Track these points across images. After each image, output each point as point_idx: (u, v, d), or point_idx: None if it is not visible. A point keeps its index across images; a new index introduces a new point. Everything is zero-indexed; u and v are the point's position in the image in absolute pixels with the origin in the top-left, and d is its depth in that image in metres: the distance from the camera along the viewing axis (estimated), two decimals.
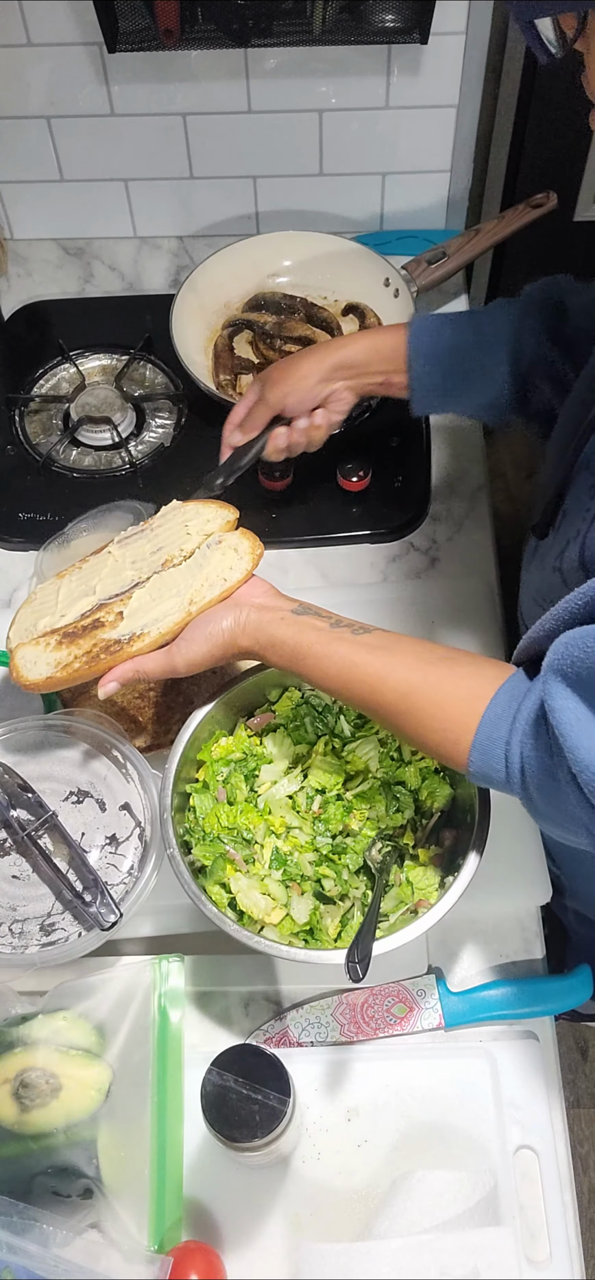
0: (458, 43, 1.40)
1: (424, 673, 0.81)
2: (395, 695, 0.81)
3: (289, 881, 0.93)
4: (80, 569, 1.02)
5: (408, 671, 0.81)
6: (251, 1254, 0.85)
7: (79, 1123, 0.86)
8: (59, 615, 0.97)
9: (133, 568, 0.99)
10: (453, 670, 0.81)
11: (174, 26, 1.31)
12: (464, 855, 0.87)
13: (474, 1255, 0.81)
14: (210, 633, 0.90)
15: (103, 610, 0.96)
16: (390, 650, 0.83)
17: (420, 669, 0.81)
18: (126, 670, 0.91)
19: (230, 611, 0.90)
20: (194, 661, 0.90)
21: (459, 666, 0.81)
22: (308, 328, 1.43)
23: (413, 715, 0.81)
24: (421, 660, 0.82)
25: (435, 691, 0.80)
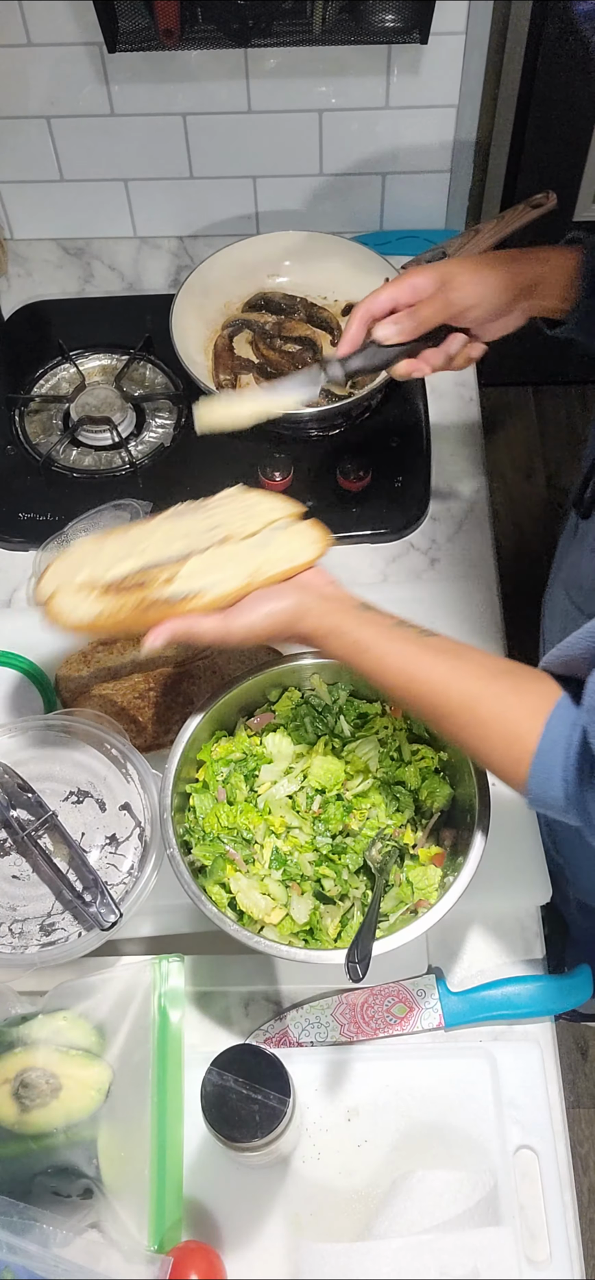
0: (458, 43, 1.40)
1: (488, 683, 0.78)
2: (459, 703, 0.79)
3: (289, 881, 0.93)
4: (126, 533, 0.95)
5: (474, 680, 0.79)
6: (251, 1254, 0.85)
7: (79, 1123, 0.86)
8: (103, 569, 0.90)
9: (185, 540, 0.93)
10: (517, 685, 0.78)
11: (174, 26, 1.31)
12: (464, 855, 0.87)
13: (474, 1255, 0.81)
14: (271, 610, 0.86)
15: (153, 571, 0.90)
16: (456, 655, 0.81)
17: (485, 679, 0.79)
18: (179, 626, 0.86)
19: (294, 593, 0.87)
20: (251, 632, 0.86)
21: (524, 681, 0.79)
22: (308, 328, 1.44)
23: (475, 726, 0.79)
24: (486, 670, 0.80)
25: (499, 703, 0.77)
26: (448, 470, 1.34)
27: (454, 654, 0.81)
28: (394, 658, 0.82)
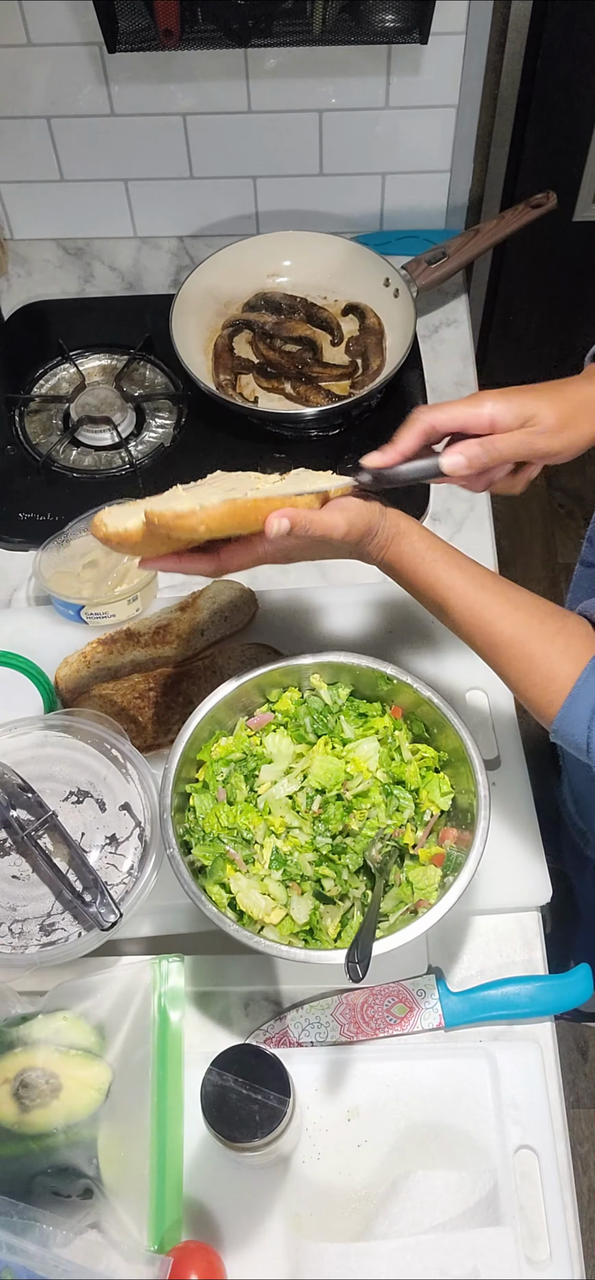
0: (458, 43, 1.40)
1: (540, 623, 0.84)
2: (512, 633, 0.84)
3: (289, 881, 0.93)
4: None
5: (528, 616, 0.85)
6: (251, 1254, 0.85)
7: (79, 1123, 0.86)
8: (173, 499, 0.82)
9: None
10: (564, 627, 0.84)
11: (174, 26, 1.31)
12: (464, 855, 0.87)
13: (474, 1255, 0.81)
14: (362, 503, 0.87)
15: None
16: (518, 590, 0.87)
17: (538, 618, 0.85)
18: (299, 515, 0.82)
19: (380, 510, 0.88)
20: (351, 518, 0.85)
21: (570, 625, 0.85)
22: (308, 328, 1.44)
23: (522, 661, 0.84)
24: (539, 611, 0.85)
25: (546, 645, 0.83)
26: None
27: (512, 590, 0.87)
28: (458, 573, 0.86)
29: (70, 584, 1.17)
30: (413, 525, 0.89)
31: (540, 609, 0.86)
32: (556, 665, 0.83)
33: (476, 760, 0.91)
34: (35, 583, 1.24)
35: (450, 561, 0.87)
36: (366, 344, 1.40)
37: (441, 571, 0.87)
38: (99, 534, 0.81)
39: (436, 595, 0.88)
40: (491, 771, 0.91)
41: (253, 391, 1.38)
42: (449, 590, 0.86)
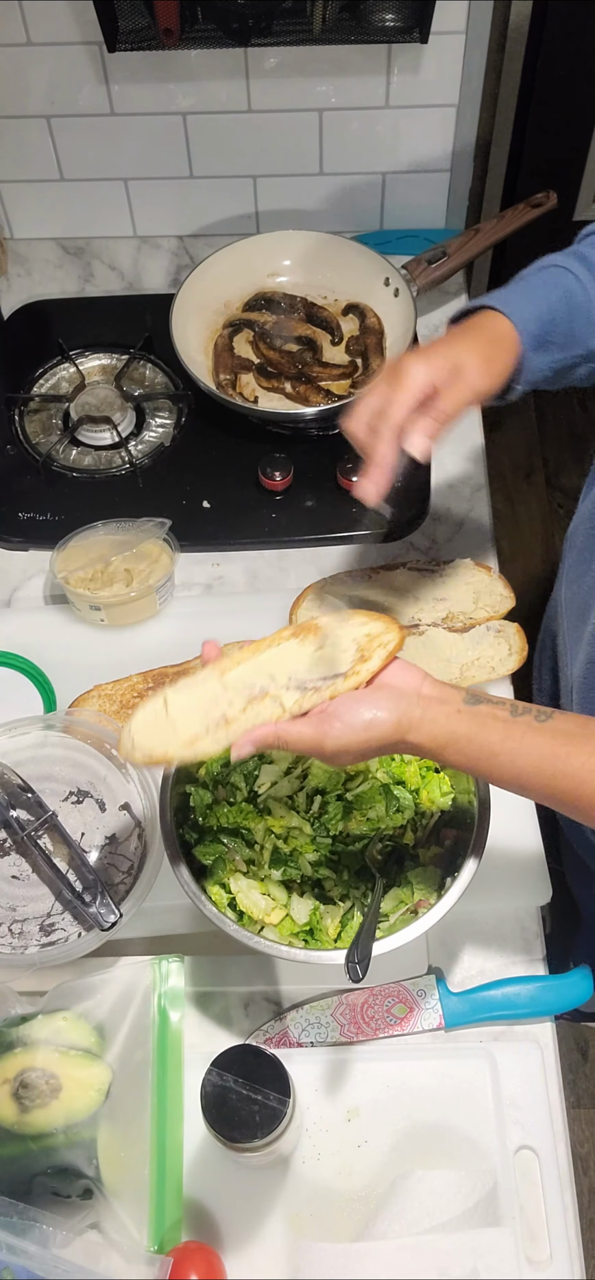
0: (458, 43, 1.40)
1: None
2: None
3: (289, 881, 0.93)
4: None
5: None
6: (251, 1254, 0.85)
7: (79, 1123, 0.86)
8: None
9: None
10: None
11: (174, 26, 1.31)
12: (464, 855, 0.87)
13: (474, 1255, 0.81)
14: (372, 720, 0.75)
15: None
16: (591, 737, 0.75)
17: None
18: (266, 733, 0.77)
19: (392, 700, 0.76)
20: (346, 747, 0.76)
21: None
22: (308, 327, 1.44)
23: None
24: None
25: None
26: (448, 470, 1.34)
27: (586, 736, 0.75)
28: (526, 758, 0.75)
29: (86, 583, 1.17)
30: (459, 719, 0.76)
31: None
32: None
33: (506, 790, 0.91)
34: (50, 581, 1.23)
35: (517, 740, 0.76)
36: (366, 344, 1.40)
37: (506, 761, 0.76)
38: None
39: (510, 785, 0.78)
40: None
41: (253, 391, 1.38)
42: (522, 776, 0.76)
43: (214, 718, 0.79)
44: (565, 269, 0.93)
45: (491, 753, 0.75)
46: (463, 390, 0.86)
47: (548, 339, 0.91)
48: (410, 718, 0.76)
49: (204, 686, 0.80)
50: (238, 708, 0.79)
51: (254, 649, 0.82)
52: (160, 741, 0.79)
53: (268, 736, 0.77)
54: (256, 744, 0.77)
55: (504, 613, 1.16)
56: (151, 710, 0.80)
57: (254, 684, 0.80)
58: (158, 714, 0.80)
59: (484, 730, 0.75)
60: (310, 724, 0.77)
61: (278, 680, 0.79)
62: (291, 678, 0.79)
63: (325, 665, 0.79)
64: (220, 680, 0.80)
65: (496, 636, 1.14)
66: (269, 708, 0.78)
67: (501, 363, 0.89)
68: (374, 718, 0.75)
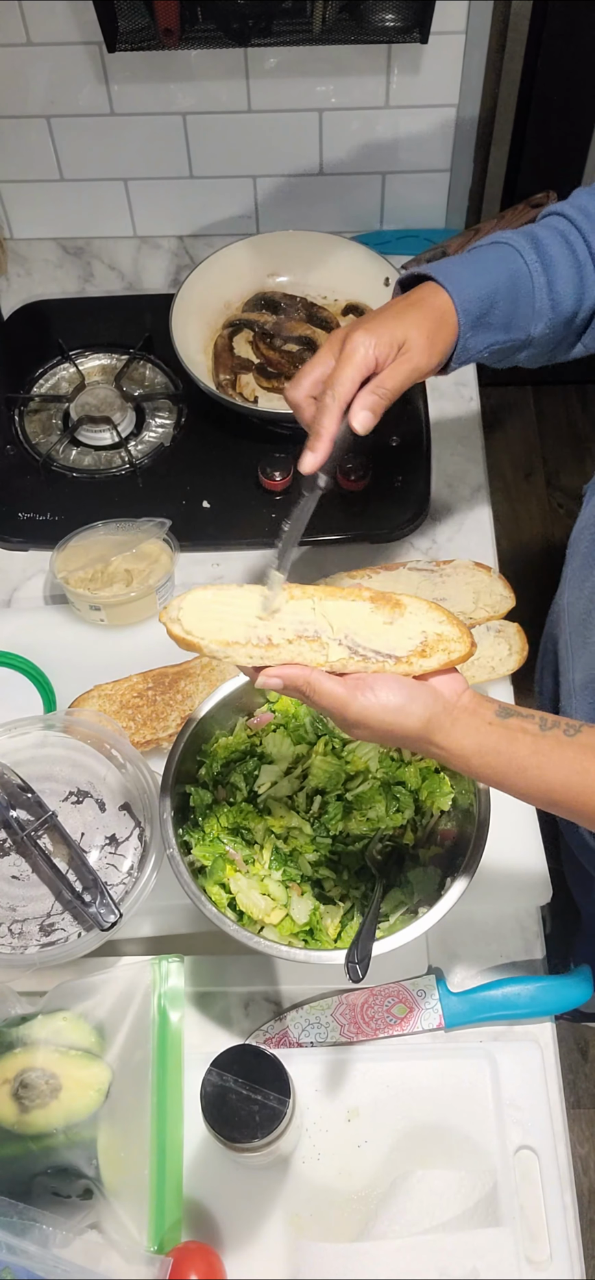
0: (458, 43, 1.40)
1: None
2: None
3: (289, 881, 0.93)
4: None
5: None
6: (251, 1254, 0.85)
7: (79, 1123, 0.86)
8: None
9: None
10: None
11: (174, 26, 1.31)
12: (464, 855, 0.87)
13: (474, 1255, 0.81)
14: (399, 705, 0.74)
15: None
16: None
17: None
18: (297, 674, 0.75)
19: (427, 696, 0.75)
20: (371, 715, 0.74)
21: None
22: (308, 327, 1.44)
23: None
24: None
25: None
26: (448, 470, 1.34)
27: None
28: (556, 772, 0.74)
29: (86, 584, 1.17)
30: (489, 731, 0.75)
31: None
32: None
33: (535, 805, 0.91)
34: (50, 581, 1.23)
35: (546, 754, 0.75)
36: None
37: (535, 777, 0.75)
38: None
39: (539, 800, 0.78)
40: None
41: (253, 391, 1.38)
42: (552, 792, 0.75)
43: (260, 634, 0.77)
44: (516, 251, 0.94)
45: (520, 767, 0.75)
46: (406, 369, 0.87)
47: (487, 320, 0.92)
48: (441, 722, 0.75)
49: (260, 598, 0.79)
50: (285, 636, 0.77)
51: (328, 592, 0.80)
52: (201, 626, 0.78)
53: (298, 678, 0.76)
54: (286, 680, 0.76)
55: (504, 613, 1.16)
56: (209, 595, 0.79)
57: (310, 622, 0.78)
58: (213, 601, 0.79)
59: (513, 744, 0.74)
60: (343, 684, 0.75)
61: (334, 631, 0.78)
62: (347, 635, 0.77)
63: (384, 642, 0.78)
64: (282, 600, 0.79)
65: (496, 636, 1.14)
66: (314, 652, 0.77)
67: (443, 342, 0.90)
68: (405, 706, 0.74)
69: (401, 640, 0.78)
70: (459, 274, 0.92)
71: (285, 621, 0.78)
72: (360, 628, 0.78)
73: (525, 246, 0.94)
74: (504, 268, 0.93)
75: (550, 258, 0.93)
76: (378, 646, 0.77)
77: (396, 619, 0.79)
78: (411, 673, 0.76)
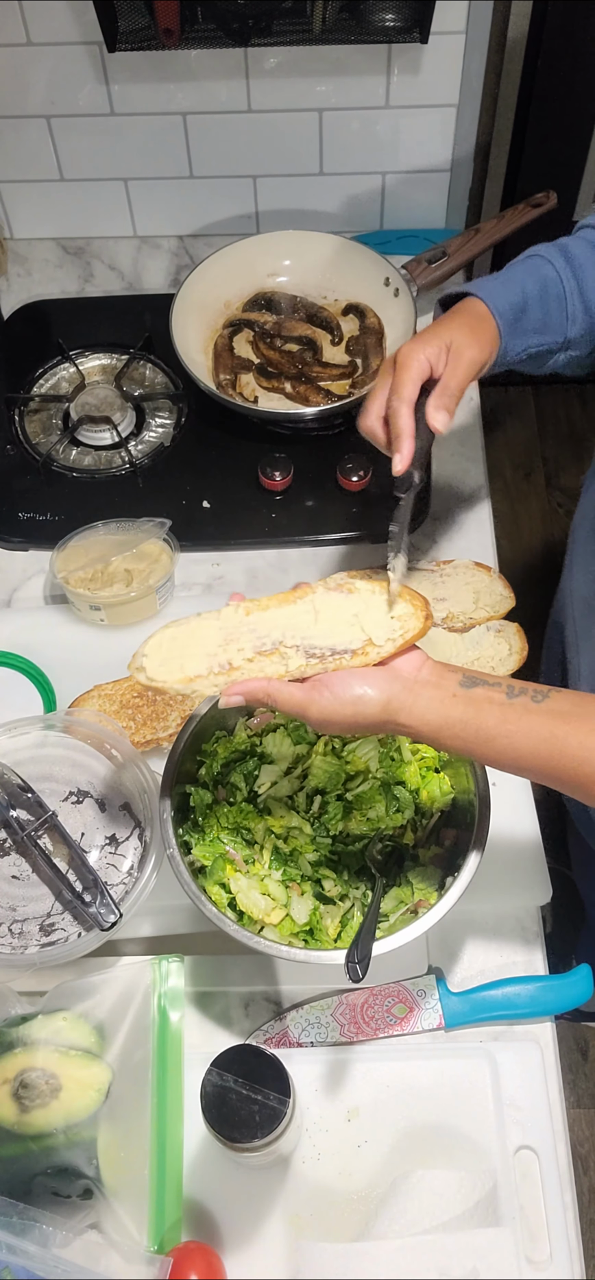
0: (458, 43, 1.40)
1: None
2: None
3: (289, 881, 0.93)
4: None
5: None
6: (251, 1254, 0.85)
7: (79, 1123, 0.86)
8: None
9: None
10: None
11: (174, 26, 1.31)
12: (464, 855, 0.87)
13: (474, 1255, 0.81)
14: (359, 695, 0.76)
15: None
16: (587, 716, 0.74)
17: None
18: (257, 687, 0.78)
19: (385, 681, 0.77)
20: (333, 713, 0.76)
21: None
22: (308, 327, 1.44)
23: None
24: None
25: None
26: (448, 470, 1.34)
27: (582, 715, 0.75)
28: (524, 739, 0.75)
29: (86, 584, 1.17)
30: (453, 703, 0.76)
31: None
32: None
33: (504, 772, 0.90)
34: (50, 581, 1.23)
35: (514, 721, 0.75)
36: (366, 344, 1.40)
37: (503, 745, 0.76)
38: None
39: (508, 767, 0.79)
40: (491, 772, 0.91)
41: (253, 391, 1.38)
42: (520, 759, 0.76)
43: (220, 661, 0.80)
44: (547, 260, 0.99)
45: (488, 737, 0.76)
46: (463, 363, 0.92)
47: (522, 325, 0.97)
48: (402, 701, 0.76)
49: (218, 623, 0.82)
50: (245, 656, 0.80)
51: (281, 599, 0.83)
52: (164, 669, 0.80)
53: (258, 690, 0.78)
54: (246, 695, 0.78)
55: (504, 613, 1.16)
56: (169, 634, 0.82)
57: (267, 637, 0.80)
58: (174, 638, 0.82)
59: (480, 715, 0.75)
60: (301, 688, 0.78)
61: (290, 640, 0.80)
62: (303, 641, 0.80)
63: (339, 638, 0.80)
64: (239, 621, 0.82)
65: (496, 636, 1.14)
66: (274, 665, 0.79)
67: (486, 336, 0.95)
68: (362, 695, 0.76)
69: (355, 633, 0.79)
70: (491, 285, 0.97)
71: (243, 641, 0.80)
72: (313, 630, 0.80)
73: (554, 254, 0.99)
74: (535, 275, 0.98)
75: (579, 263, 0.98)
76: (333, 644, 0.79)
77: (351, 609, 0.81)
78: (368, 662, 0.78)
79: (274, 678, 0.79)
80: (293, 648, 0.80)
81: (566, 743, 0.74)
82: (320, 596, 0.82)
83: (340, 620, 0.81)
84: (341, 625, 0.80)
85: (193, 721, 0.96)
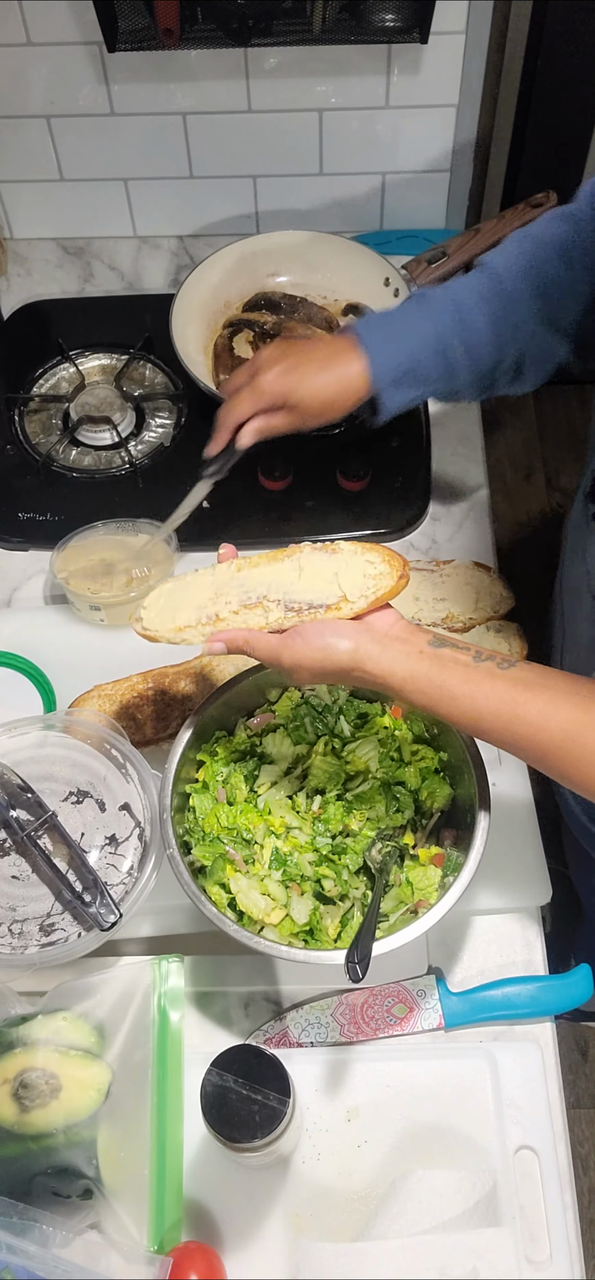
0: (458, 43, 1.40)
1: (587, 709, 0.75)
2: (563, 735, 0.75)
3: (289, 882, 0.93)
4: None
5: (573, 709, 0.75)
6: (251, 1254, 0.85)
7: (79, 1123, 0.86)
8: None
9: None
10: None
11: (174, 26, 1.31)
12: (464, 855, 0.87)
13: (474, 1255, 0.81)
14: (328, 645, 0.80)
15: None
16: (549, 686, 0.77)
17: (585, 705, 0.75)
18: (236, 636, 0.84)
19: (355, 633, 0.81)
20: (303, 661, 0.81)
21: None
22: (308, 327, 1.43)
23: (583, 758, 0.75)
24: (582, 696, 0.76)
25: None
26: (448, 470, 1.34)
27: (544, 685, 0.77)
28: (487, 700, 0.77)
29: (86, 584, 1.17)
30: (420, 659, 0.79)
31: (582, 694, 0.76)
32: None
33: (476, 761, 0.91)
34: (50, 581, 1.23)
35: (477, 683, 0.78)
36: None
37: (466, 705, 0.78)
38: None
39: (469, 728, 0.82)
40: (491, 772, 0.91)
41: None
42: (481, 720, 0.79)
43: (209, 612, 0.87)
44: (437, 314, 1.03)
45: (451, 695, 0.78)
46: (290, 423, 1.04)
47: (404, 381, 1.03)
48: (369, 650, 0.80)
49: (212, 578, 0.89)
50: (231, 609, 0.86)
51: (269, 556, 0.88)
52: (159, 619, 0.88)
53: (237, 638, 0.84)
54: (227, 642, 0.85)
55: (504, 613, 1.16)
56: (167, 588, 0.90)
57: (253, 591, 0.86)
58: (172, 591, 0.89)
59: (445, 672, 0.78)
60: (277, 637, 0.83)
61: (273, 594, 0.85)
62: (285, 595, 0.85)
63: (318, 594, 0.85)
64: (231, 577, 0.88)
65: (496, 636, 1.14)
66: (257, 617, 0.85)
67: (334, 414, 1.04)
68: (331, 642, 0.81)
69: (333, 589, 0.84)
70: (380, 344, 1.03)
71: (231, 595, 0.87)
72: (295, 586, 0.86)
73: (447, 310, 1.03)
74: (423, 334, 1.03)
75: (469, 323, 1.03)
76: (310, 599, 0.84)
77: (333, 568, 0.86)
78: (342, 616, 0.83)
79: (255, 629, 0.84)
80: (275, 602, 0.85)
81: (526, 709, 0.76)
82: (306, 555, 0.87)
83: (321, 577, 0.85)
84: (322, 582, 0.85)
85: (193, 721, 0.96)
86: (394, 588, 0.83)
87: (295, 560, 0.87)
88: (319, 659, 0.81)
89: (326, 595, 0.84)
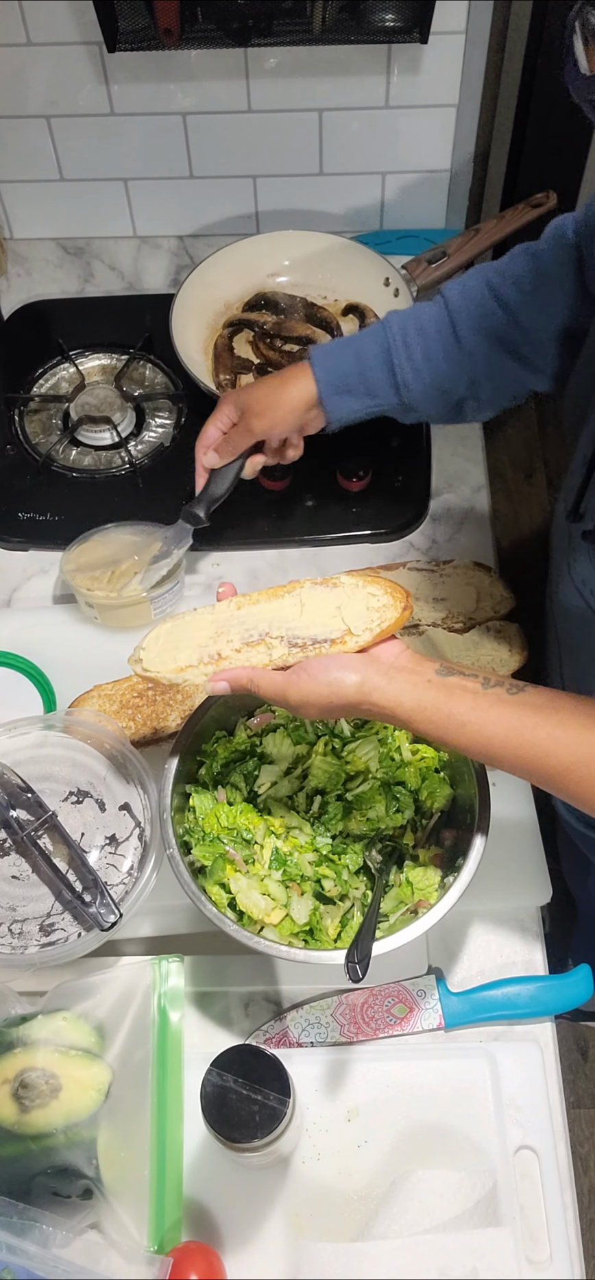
0: (458, 43, 1.40)
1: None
2: (572, 758, 0.76)
3: (289, 881, 0.93)
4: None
5: (582, 730, 0.76)
6: (251, 1254, 0.85)
7: (79, 1123, 0.86)
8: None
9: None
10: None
11: (174, 26, 1.31)
12: (464, 855, 0.87)
13: (474, 1255, 0.81)
14: (334, 680, 0.80)
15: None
16: (558, 709, 0.77)
17: (592, 726, 0.76)
18: (241, 675, 0.83)
19: (362, 666, 0.80)
20: (309, 699, 0.80)
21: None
22: (308, 327, 1.43)
23: (591, 779, 0.76)
24: (591, 718, 0.76)
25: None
26: (448, 470, 1.34)
27: (555, 708, 0.77)
28: (494, 727, 0.77)
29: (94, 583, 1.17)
30: (427, 688, 0.79)
31: (591, 715, 0.76)
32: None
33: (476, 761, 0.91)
34: (61, 580, 1.23)
35: (485, 710, 0.78)
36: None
37: (474, 731, 0.78)
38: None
39: (479, 755, 0.82)
40: (491, 772, 0.91)
41: None
42: (490, 747, 0.78)
43: (210, 651, 0.86)
44: (386, 331, 1.06)
45: (460, 722, 0.78)
46: (244, 427, 1.09)
47: (348, 389, 1.07)
48: (375, 683, 0.79)
49: (211, 617, 0.88)
50: (233, 647, 0.85)
51: (270, 594, 0.88)
52: (159, 660, 0.87)
53: (242, 678, 0.84)
54: (231, 682, 0.84)
55: (504, 613, 1.16)
56: (166, 628, 0.88)
57: (254, 628, 0.86)
58: (170, 631, 0.88)
59: (452, 700, 0.78)
60: (282, 675, 0.82)
61: (275, 630, 0.85)
62: (288, 632, 0.84)
63: (321, 629, 0.84)
64: (231, 615, 0.87)
65: (496, 636, 1.14)
66: (260, 654, 0.84)
67: (279, 415, 1.09)
68: (338, 677, 0.80)
69: (337, 623, 0.83)
70: (326, 355, 1.08)
71: (232, 633, 0.86)
72: (297, 621, 0.85)
73: (397, 340, 1.05)
74: (369, 348, 1.06)
75: (413, 343, 1.05)
76: (314, 634, 0.84)
77: (338, 600, 0.85)
78: (347, 650, 0.82)
79: (259, 666, 0.83)
80: (277, 638, 0.84)
81: (536, 733, 0.76)
82: (307, 590, 0.87)
83: (323, 612, 0.85)
84: (324, 616, 0.84)
85: (193, 722, 0.96)
86: (399, 619, 0.82)
87: (296, 595, 0.86)
88: (326, 694, 0.80)
89: (330, 630, 0.83)
